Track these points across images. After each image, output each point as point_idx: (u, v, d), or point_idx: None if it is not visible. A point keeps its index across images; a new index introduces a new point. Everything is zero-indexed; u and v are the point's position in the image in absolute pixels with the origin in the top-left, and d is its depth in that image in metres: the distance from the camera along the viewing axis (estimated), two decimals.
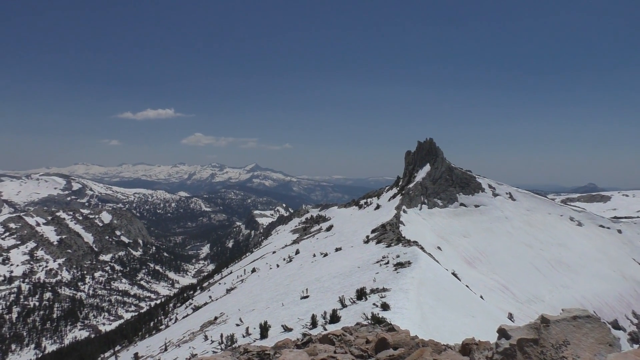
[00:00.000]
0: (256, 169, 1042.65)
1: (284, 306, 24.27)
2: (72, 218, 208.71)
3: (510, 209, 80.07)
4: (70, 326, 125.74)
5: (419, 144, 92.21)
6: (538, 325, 5.13)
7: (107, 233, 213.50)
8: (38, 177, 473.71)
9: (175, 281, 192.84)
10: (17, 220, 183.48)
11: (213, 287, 70.41)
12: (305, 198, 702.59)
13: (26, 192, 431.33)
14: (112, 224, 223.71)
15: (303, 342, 9.65)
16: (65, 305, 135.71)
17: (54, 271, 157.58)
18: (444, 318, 16.83)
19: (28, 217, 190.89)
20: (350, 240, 48.91)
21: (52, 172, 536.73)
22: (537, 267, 61.93)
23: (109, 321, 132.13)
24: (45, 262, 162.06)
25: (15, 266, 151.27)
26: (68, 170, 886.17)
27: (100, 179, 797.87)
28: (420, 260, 26.34)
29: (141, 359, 31.38)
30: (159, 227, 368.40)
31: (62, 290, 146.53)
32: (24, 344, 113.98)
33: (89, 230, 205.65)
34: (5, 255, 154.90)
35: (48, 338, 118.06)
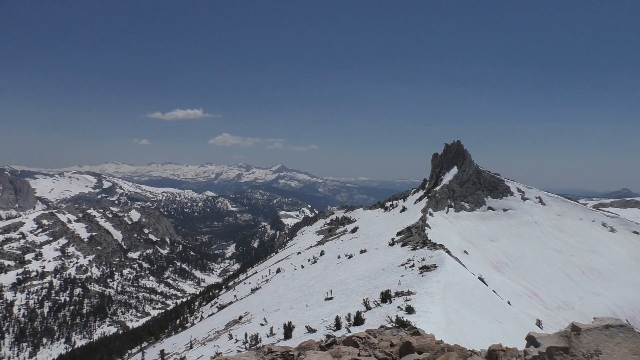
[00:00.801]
0: (282, 170, 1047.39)
1: (308, 307, 24.28)
2: (102, 216, 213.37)
3: (540, 214, 78.47)
4: (99, 322, 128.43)
5: (446, 147, 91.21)
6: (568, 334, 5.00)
7: (136, 231, 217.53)
8: (70, 175, 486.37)
9: (201, 280, 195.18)
10: (50, 217, 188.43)
11: (238, 286, 70.94)
12: (331, 199, 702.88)
13: (59, 189, 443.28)
14: (141, 222, 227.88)
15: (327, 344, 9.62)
16: (95, 301, 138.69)
17: (84, 267, 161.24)
18: (469, 323, 16.58)
19: (60, 214, 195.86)
20: (375, 243, 48.66)
21: (84, 171, 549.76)
22: (567, 273, 60.53)
23: (136, 318, 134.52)
24: (76, 258, 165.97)
25: (47, 262, 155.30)
26: (99, 168, 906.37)
27: (129, 177, 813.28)
28: (446, 263, 26.02)
29: (167, 356, 31.80)
30: (186, 226, 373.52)
31: (91, 286, 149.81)
32: (55, 338, 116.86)
33: (118, 228, 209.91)
34: (38, 251, 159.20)
35: (78, 333, 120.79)
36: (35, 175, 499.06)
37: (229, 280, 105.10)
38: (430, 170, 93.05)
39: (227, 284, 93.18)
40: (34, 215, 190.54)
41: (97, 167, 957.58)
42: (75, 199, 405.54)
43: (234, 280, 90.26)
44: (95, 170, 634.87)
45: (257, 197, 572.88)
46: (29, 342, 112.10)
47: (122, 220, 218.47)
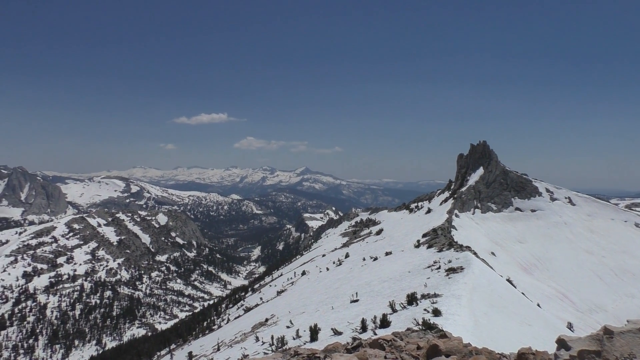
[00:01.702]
0: (306, 172, 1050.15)
1: (334, 309, 24.26)
2: (131, 219, 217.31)
3: (570, 214, 76.80)
4: (128, 324, 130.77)
5: (472, 147, 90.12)
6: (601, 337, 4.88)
7: (163, 234, 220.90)
8: (100, 180, 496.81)
9: (228, 282, 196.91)
10: (80, 221, 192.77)
11: (264, 288, 71.33)
12: (355, 201, 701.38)
13: (89, 194, 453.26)
14: (168, 226, 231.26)
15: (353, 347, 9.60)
16: (124, 304, 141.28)
17: (113, 270, 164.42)
18: (498, 325, 16.34)
19: (90, 218, 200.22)
20: (400, 245, 48.35)
21: (113, 175, 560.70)
22: (598, 275, 59.07)
23: (164, 320, 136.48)
24: (106, 261, 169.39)
25: (79, 265, 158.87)
26: (127, 173, 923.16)
27: (156, 181, 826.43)
28: (473, 265, 25.68)
29: (195, 358, 32.17)
30: (212, 229, 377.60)
31: (121, 289, 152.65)
32: (86, 340, 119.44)
33: (146, 232, 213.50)
34: (69, 255, 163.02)
35: (108, 335, 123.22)
36: (66, 181, 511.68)
37: (254, 282, 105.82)
38: (455, 171, 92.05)
39: (253, 286, 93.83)
40: (65, 220, 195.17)
41: (125, 172, 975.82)
42: (104, 203, 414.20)
43: (260, 283, 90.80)
44: (124, 175, 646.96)
45: (281, 199, 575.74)
46: (61, 344, 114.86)
47: (149, 224, 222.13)
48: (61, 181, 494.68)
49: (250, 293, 79.68)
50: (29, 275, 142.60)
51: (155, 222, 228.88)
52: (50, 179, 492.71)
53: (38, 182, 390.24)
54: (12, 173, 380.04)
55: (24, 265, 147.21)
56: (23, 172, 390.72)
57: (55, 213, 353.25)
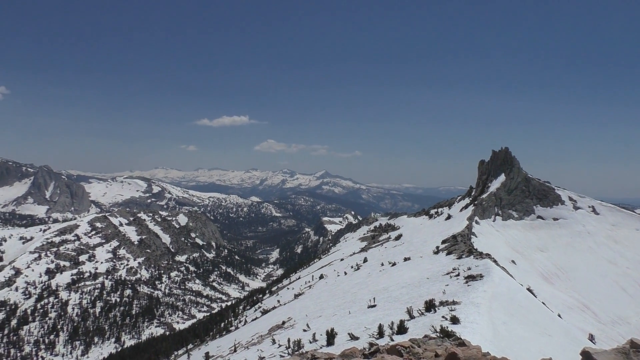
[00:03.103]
0: (326, 176, 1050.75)
1: (351, 314, 24.18)
2: (152, 219, 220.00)
3: (593, 224, 75.24)
4: (147, 323, 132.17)
5: (494, 153, 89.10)
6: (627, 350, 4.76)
7: (183, 235, 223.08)
8: (122, 180, 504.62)
9: (246, 284, 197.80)
10: (103, 220, 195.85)
11: (281, 291, 71.49)
12: (374, 206, 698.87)
13: (111, 193, 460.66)
14: (188, 227, 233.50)
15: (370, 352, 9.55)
16: (143, 303, 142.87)
17: (134, 269, 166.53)
18: (517, 335, 16.07)
19: (112, 218, 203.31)
20: (419, 251, 48.01)
21: (135, 176, 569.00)
22: (622, 286, 57.71)
23: (182, 320, 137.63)
24: (127, 260, 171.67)
25: (100, 263, 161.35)
26: (149, 174, 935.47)
27: (178, 182, 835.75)
28: (493, 273, 25.34)
29: (212, 359, 32.35)
30: (231, 230, 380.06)
31: (140, 288, 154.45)
32: (106, 337, 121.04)
33: (167, 232, 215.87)
34: (91, 253, 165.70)
35: (127, 333, 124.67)
36: (89, 180, 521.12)
37: (272, 285, 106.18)
38: (476, 177, 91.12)
39: (270, 288, 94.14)
40: (88, 218, 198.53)
41: (147, 173, 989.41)
42: (126, 203, 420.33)
43: (278, 285, 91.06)
44: (146, 176, 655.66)
45: (300, 203, 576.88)
46: (81, 341, 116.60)
47: (170, 224, 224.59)
48: (85, 180, 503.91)
49: (268, 295, 79.96)
50: (52, 272, 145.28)
51: (176, 223, 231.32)
52: (74, 178, 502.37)
53: (63, 181, 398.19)
54: (38, 172, 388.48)
55: (47, 262, 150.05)
56: (48, 171, 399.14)
57: (79, 212, 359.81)
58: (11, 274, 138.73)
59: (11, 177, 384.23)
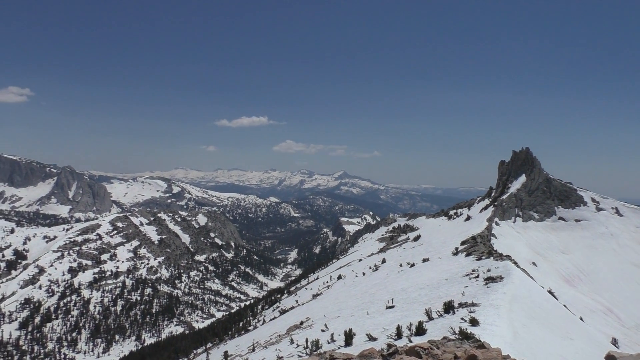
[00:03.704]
0: (344, 177, 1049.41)
1: (369, 315, 24.18)
2: (172, 219, 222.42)
3: (617, 225, 73.87)
4: (167, 321, 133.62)
5: (514, 154, 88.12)
6: None
7: (203, 235, 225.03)
8: (143, 180, 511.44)
9: (264, 284, 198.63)
10: (124, 219, 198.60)
11: (300, 291, 71.70)
12: (393, 207, 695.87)
13: (132, 193, 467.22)
14: (207, 226, 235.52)
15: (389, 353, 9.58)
16: (163, 301, 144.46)
17: (154, 269, 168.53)
18: (538, 338, 15.92)
19: (133, 217, 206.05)
20: (438, 252, 47.74)
21: (155, 176, 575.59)
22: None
23: (201, 319, 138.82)
24: (147, 259, 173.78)
25: (121, 262, 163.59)
26: (169, 174, 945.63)
27: (197, 183, 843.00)
28: (513, 275, 25.10)
29: (230, 358, 32.61)
30: (250, 230, 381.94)
31: (160, 287, 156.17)
32: (126, 335, 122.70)
33: (186, 232, 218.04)
34: (112, 252, 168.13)
35: (147, 331, 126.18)
36: (111, 180, 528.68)
37: (290, 285, 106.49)
38: (496, 178, 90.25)
39: (289, 288, 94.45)
40: (110, 218, 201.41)
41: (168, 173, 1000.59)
42: (147, 203, 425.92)
43: (296, 286, 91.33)
44: (166, 176, 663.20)
45: (319, 203, 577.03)
46: (102, 338, 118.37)
47: (189, 224, 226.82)
48: (106, 181, 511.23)
49: (286, 295, 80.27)
50: (74, 271, 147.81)
51: (195, 223, 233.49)
52: (96, 178, 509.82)
53: (85, 181, 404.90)
54: (61, 172, 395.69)
55: (70, 260, 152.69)
56: (71, 172, 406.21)
57: (101, 211, 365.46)
58: (35, 272, 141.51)
59: (35, 178, 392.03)
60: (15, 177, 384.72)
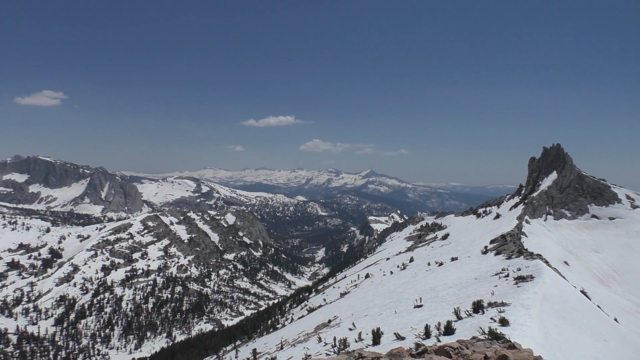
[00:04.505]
0: (371, 175, 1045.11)
1: (397, 314, 24.10)
2: (201, 219, 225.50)
3: None
4: (196, 319, 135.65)
5: (545, 150, 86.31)
6: None
7: (231, 234, 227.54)
8: (173, 180, 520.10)
9: (292, 282, 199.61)
10: (154, 219, 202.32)
11: (327, 290, 71.84)
12: (421, 205, 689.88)
13: (162, 193, 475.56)
14: (236, 225, 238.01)
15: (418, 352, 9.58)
16: (193, 299, 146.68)
17: (184, 267, 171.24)
18: (570, 339, 15.63)
19: (163, 217, 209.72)
20: (467, 250, 47.18)
21: (185, 176, 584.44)
22: None
23: (230, 317, 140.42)
24: (177, 258, 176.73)
25: (152, 261, 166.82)
26: (198, 174, 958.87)
27: (225, 182, 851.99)
28: (544, 274, 24.63)
29: (259, 355, 32.92)
30: (277, 229, 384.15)
31: (190, 285, 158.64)
32: (157, 332, 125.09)
33: (215, 231, 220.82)
34: (144, 251, 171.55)
35: (177, 328, 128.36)
36: (142, 181, 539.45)
37: (318, 283, 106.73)
38: (526, 175, 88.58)
39: (316, 287, 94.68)
40: (141, 218, 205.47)
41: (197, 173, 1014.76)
42: (176, 202, 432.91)
43: (324, 284, 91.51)
44: (195, 176, 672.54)
45: (346, 202, 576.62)
46: (134, 335, 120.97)
47: (218, 223, 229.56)
48: (137, 181, 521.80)
49: (314, 294, 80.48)
50: (107, 269, 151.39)
51: (224, 222, 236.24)
52: (127, 178, 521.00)
53: (117, 181, 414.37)
54: (94, 173, 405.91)
55: (103, 259, 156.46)
56: (103, 172, 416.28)
57: (132, 211, 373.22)
58: (70, 270, 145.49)
59: (69, 178, 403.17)
60: (51, 178, 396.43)
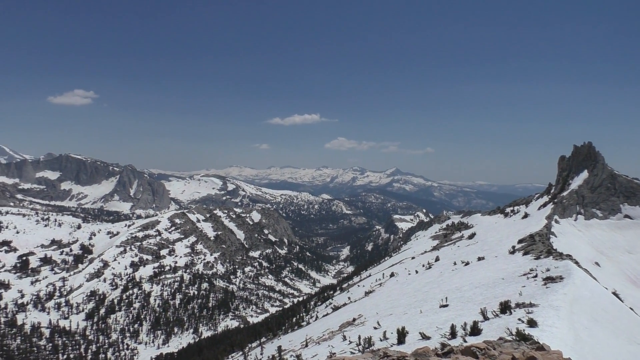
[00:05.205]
0: (396, 173, 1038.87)
1: (422, 313, 23.91)
2: (227, 216, 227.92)
3: None
4: (222, 315, 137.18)
5: (575, 149, 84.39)
6: None
7: (257, 231, 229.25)
8: (199, 178, 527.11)
9: (317, 280, 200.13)
10: (182, 216, 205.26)
11: (352, 288, 71.77)
12: (447, 204, 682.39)
13: (189, 191, 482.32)
14: (261, 223, 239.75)
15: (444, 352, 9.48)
16: (219, 296, 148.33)
17: (210, 264, 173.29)
18: (602, 342, 15.24)
19: (190, 214, 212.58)
20: (494, 250, 46.52)
21: (211, 174, 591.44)
22: None
23: (256, 314, 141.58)
24: (204, 255, 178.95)
25: (179, 257, 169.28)
26: (224, 172, 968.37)
27: (251, 180, 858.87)
28: (574, 275, 24.10)
29: (284, 353, 33.08)
30: (302, 227, 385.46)
31: (216, 281, 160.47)
32: (184, 328, 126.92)
33: (241, 228, 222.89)
34: (171, 248, 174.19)
35: (204, 324, 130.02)
36: (169, 178, 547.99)
37: (343, 282, 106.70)
38: (556, 174, 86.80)
39: (341, 285, 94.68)
40: (168, 215, 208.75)
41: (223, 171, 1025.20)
42: (203, 200, 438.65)
43: (348, 283, 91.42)
44: (221, 174, 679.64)
45: (371, 200, 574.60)
46: (162, 330, 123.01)
47: (244, 221, 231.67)
48: (165, 179, 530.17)
49: (339, 292, 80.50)
50: (136, 265, 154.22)
51: (250, 219, 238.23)
52: (155, 176, 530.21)
53: (145, 179, 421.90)
54: (123, 171, 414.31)
55: (132, 255, 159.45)
56: (132, 170, 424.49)
57: (159, 208, 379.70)
58: (100, 266, 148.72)
59: (100, 176, 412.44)
60: (82, 175, 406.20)
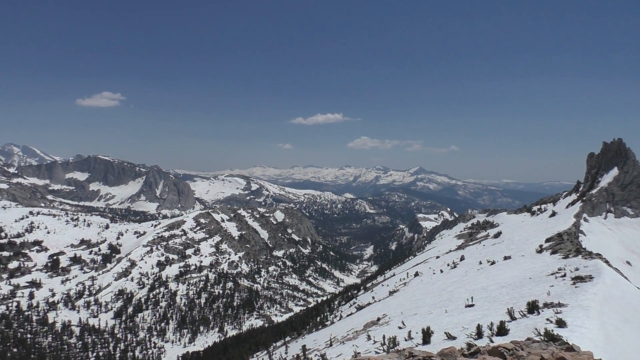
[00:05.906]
0: (420, 172, 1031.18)
1: (447, 313, 23.68)
2: (251, 216, 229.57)
3: None
4: (247, 314, 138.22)
5: (605, 145, 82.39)
6: None
7: (280, 231, 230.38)
8: (223, 178, 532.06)
9: (340, 280, 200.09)
10: (206, 216, 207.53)
11: (376, 288, 71.50)
12: (471, 202, 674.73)
13: (213, 191, 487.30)
14: (285, 223, 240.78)
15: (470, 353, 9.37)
16: (244, 295, 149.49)
17: (235, 263, 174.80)
18: (634, 343, 14.84)
19: (215, 214, 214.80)
20: (520, 249, 45.75)
21: (235, 174, 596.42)
22: None
23: (280, 313, 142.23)
24: (228, 254, 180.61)
25: (204, 257, 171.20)
26: (248, 172, 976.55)
27: (274, 180, 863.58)
28: (605, 275, 23.53)
29: (308, 352, 33.16)
30: (325, 226, 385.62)
31: (241, 281, 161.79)
32: (210, 326, 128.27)
33: (265, 228, 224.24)
34: (196, 247, 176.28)
35: (229, 323, 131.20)
36: (194, 179, 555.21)
37: (367, 281, 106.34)
38: (584, 171, 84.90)
39: (365, 285, 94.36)
40: (193, 215, 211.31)
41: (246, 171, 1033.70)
42: (227, 200, 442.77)
43: (372, 282, 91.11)
44: (245, 174, 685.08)
45: (394, 199, 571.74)
46: (188, 329, 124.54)
47: (268, 220, 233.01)
48: (190, 179, 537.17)
49: (363, 291, 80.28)
50: (162, 264, 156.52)
51: (273, 219, 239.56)
52: (180, 177, 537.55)
53: (170, 179, 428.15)
54: (149, 171, 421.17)
55: (158, 255, 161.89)
56: (158, 171, 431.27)
57: (185, 208, 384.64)
58: (127, 265, 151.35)
59: (126, 177, 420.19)
60: (109, 176, 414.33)
